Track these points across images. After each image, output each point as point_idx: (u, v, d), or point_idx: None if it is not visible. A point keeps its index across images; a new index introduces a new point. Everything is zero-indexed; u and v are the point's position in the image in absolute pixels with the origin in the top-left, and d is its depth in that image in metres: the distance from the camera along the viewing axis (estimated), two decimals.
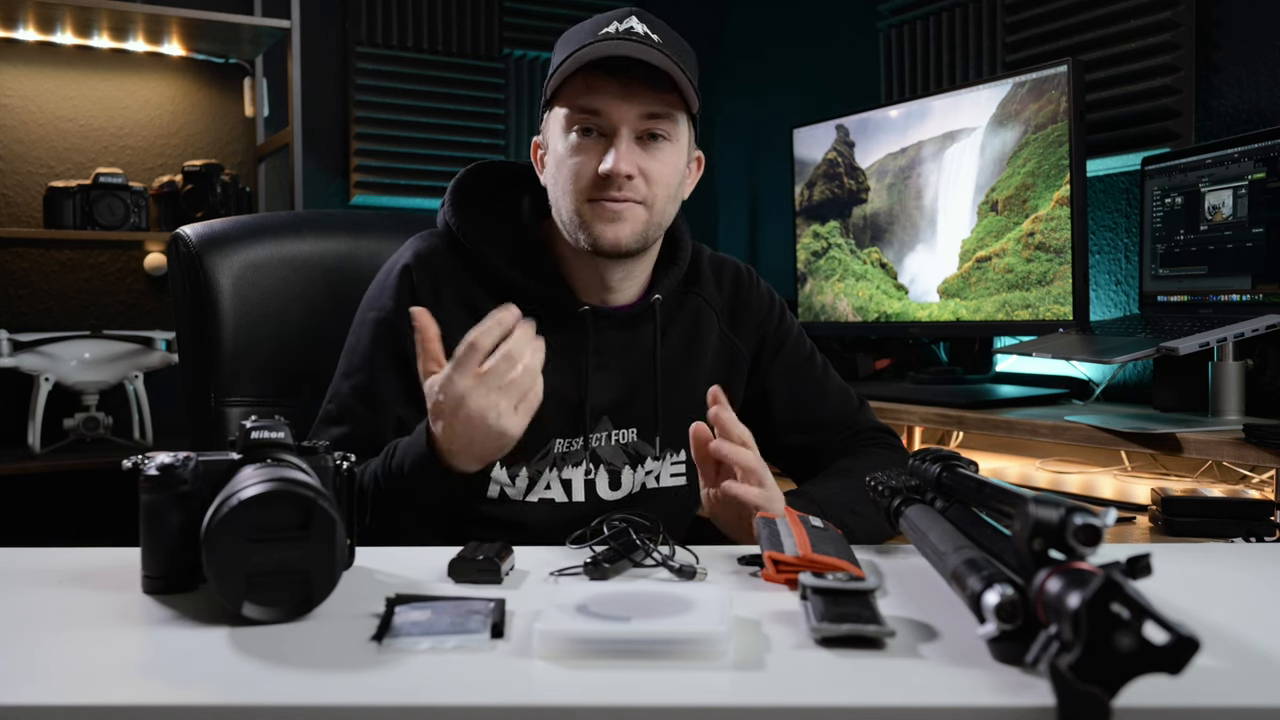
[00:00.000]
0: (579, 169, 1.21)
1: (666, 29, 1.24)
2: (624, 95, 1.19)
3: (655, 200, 1.23)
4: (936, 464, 0.92)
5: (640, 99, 1.20)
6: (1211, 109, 2.08)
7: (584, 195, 1.21)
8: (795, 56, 3.27)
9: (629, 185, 1.20)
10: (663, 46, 1.20)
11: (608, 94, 1.19)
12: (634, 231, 1.23)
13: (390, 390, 1.25)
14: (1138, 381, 2.18)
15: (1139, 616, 0.54)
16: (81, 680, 0.66)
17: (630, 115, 1.20)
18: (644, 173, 1.21)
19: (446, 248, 1.30)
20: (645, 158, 1.21)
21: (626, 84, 1.19)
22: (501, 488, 1.28)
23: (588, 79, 1.19)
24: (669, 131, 1.23)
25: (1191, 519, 1.42)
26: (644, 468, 1.34)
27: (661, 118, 1.21)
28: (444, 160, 3.17)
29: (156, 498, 0.82)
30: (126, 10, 2.61)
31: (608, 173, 1.19)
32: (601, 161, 1.20)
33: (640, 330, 1.33)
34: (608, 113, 1.20)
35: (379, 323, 1.27)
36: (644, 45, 1.19)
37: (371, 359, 1.26)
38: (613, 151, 1.19)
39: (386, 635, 0.71)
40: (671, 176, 1.24)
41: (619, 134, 1.20)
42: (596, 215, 1.21)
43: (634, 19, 1.22)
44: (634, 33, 1.20)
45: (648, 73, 1.18)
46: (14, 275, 2.83)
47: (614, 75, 1.19)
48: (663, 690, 0.63)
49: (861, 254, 2.48)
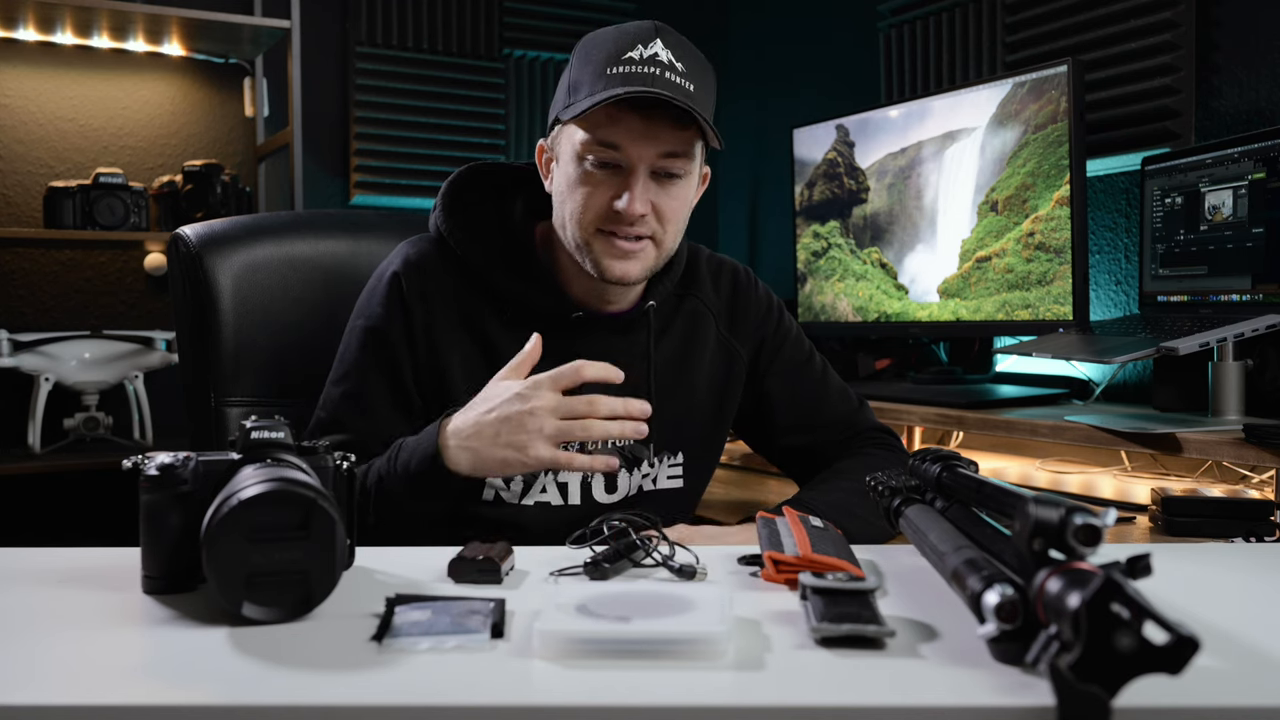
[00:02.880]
0: (589, 199, 1.20)
1: (690, 50, 1.21)
2: (646, 134, 1.17)
3: (665, 236, 1.23)
4: (936, 464, 0.92)
5: (662, 139, 1.18)
6: (1211, 109, 2.08)
7: (594, 226, 1.21)
8: (796, 57, 3.27)
9: (641, 222, 1.19)
10: (686, 76, 1.18)
11: (629, 130, 1.17)
12: (644, 267, 1.23)
13: (378, 398, 1.26)
14: (1138, 381, 2.18)
15: (1139, 616, 0.54)
16: (81, 680, 0.66)
17: (649, 154, 1.18)
18: (656, 209, 1.20)
19: (437, 252, 1.29)
20: (659, 194, 1.20)
21: (649, 120, 1.17)
22: (497, 491, 1.28)
23: (610, 110, 1.17)
24: (685, 168, 1.21)
25: (1191, 519, 1.41)
26: (640, 471, 1.34)
27: (679, 156, 1.20)
28: (444, 160, 3.17)
29: (156, 498, 0.82)
30: (126, 10, 2.61)
31: (622, 211, 1.18)
32: (616, 197, 1.18)
33: (635, 335, 1.32)
34: (627, 148, 1.18)
35: (368, 331, 1.27)
36: (669, 79, 1.16)
37: (361, 367, 1.27)
38: (628, 192, 1.18)
39: (386, 635, 0.71)
40: (682, 210, 1.24)
41: (635, 171, 1.18)
42: (606, 249, 1.21)
43: (659, 42, 1.18)
44: (659, 60, 1.17)
45: (671, 111, 1.16)
46: (14, 275, 2.83)
47: (637, 110, 1.16)
48: (663, 690, 0.63)
49: (861, 254, 2.48)
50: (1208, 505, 1.42)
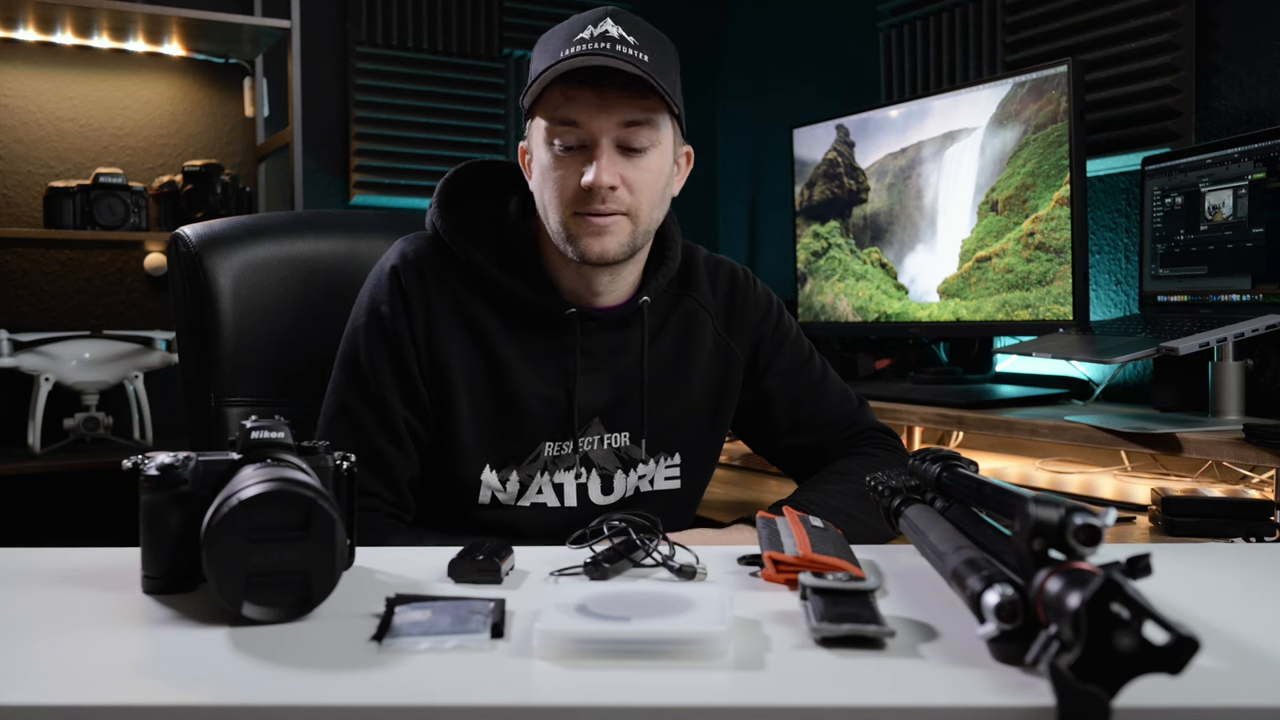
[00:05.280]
0: (561, 182, 1.20)
1: (644, 26, 1.21)
2: (600, 105, 1.17)
3: (640, 209, 1.22)
4: (936, 464, 0.92)
5: (618, 108, 1.18)
6: (1211, 109, 2.08)
7: (569, 208, 1.21)
8: (795, 56, 3.27)
9: (612, 197, 1.19)
10: (639, 48, 1.18)
11: (584, 104, 1.17)
12: (620, 243, 1.22)
13: (392, 394, 1.25)
14: (1138, 381, 2.18)
15: (1139, 616, 0.54)
16: (81, 680, 0.66)
17: (609, 125, 1.18)
18: (627, 182, 1.20)
19: (433, 250, 1.29)
20: (627, 166, 1.20)
21: (603, 93, 1.17)
22: (493, 492, 1.28)
23: (564, 89, 1.18)
24: (650, 138, 1.21)
25: (1191, 519, 1.42)
26: (636, 472, 1.34)
27: (642, 125, 1.19)
28: (444, 160, 3.16)
29: (156, 498, 0.82)
30: (126, 10, 2.61)
31: (590, 185, 1.18)
32: (583, 174, 1.18)
33: (630, 332, 1.32)
34: (585, 123, 1.18)
35: (372, 327, 1.27)
36: (618, 51, 1.16)
37: (370, 364, 1.26)
38: (594, 164, 1.18)
39: (386, 635, 0.71)
40: (655, 183, 1.23)
41: (599, 145, 1.18)
42: (582, 229, 1.21)
43: (609, 21, 1.19)
44: (609, 36, 1.17)
45: (624, 80, 1.16)
46: (14, 275, 2.83)
47: (589, 84, 1.17)
48: (663, 690, 0.63)
49: (861, 254, 2.48)
50: (1208, 505, 1.42)
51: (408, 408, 1.25)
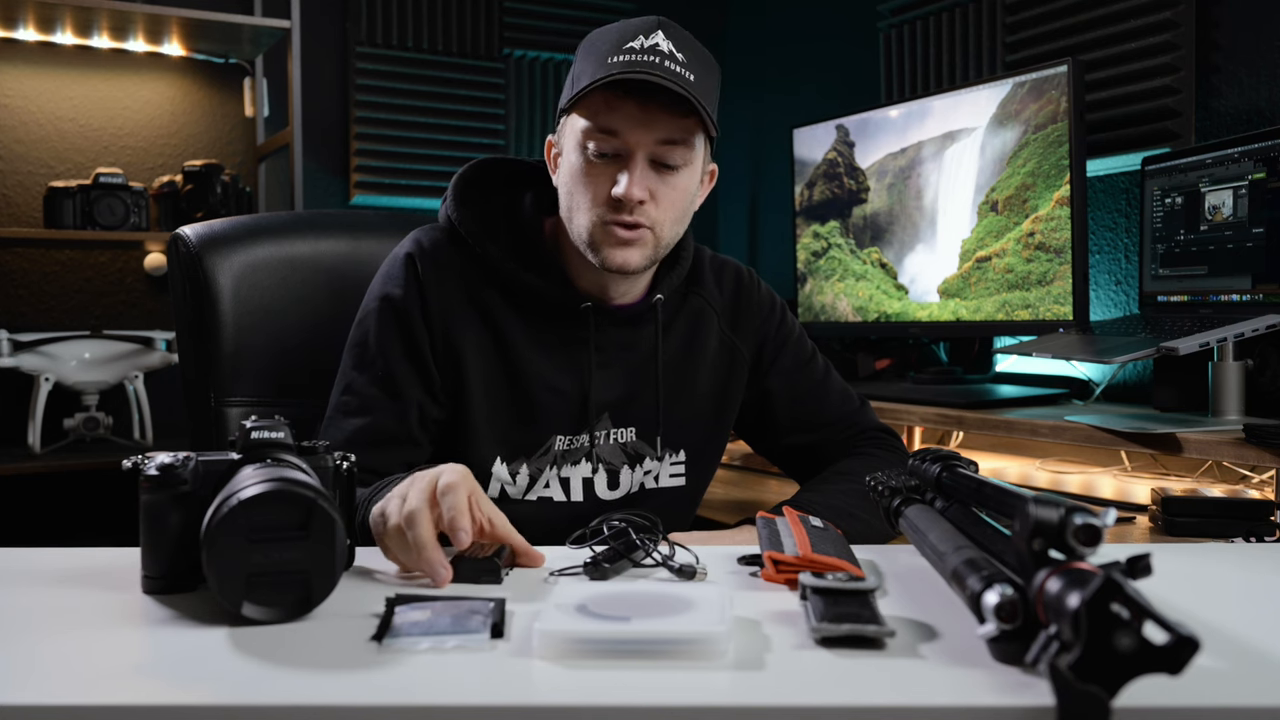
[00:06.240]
0: (592, 188, 1.21)
1: (693, 44, 1.22)
2: (643, 120, 1.17)
3: (664, 225, 1.22)
4: (936, 464, 0.92)
5: (659, 125, 1.18)
6: (1211, 109, 2.08)
7: (597, 216, 1.21)
8: (795, 56, 3.27)
9: (640, 210, 1.19)
10: (686, 65, 1.18)
11: (626, 116, 1.17)
12: (643, 256, 1.23)
13: (405, 375, 1.25)
14: (1138, 381, 2.18)
15: (1139, 616, 0.54)
16: (81, 680, 0.66)
17: (647, 140, 1.18)
18: (655, 197, 1.20)
19: (448, 241, 1.30)
20: (658, 181, 1.20)
21: (646, 107, 1.17)
22: (502, 485, 1.28)
23: (608, 97, 1.17)
24: (684, 157, 1.21)
25: (1191, 519, 1.42)
26: (643, 468, 1.34)
27: (678, 143, 1.20)
28: (444, 160, 3.17)
29: (156, 498, 0.82)
30: (126, 10, 2.61)
31: (620, 196, 1.18)
32: (615, 183, 1.19)
33: (642, 329, 1.33)
34: (625, 134, 1.18)
35: (386, 310, 1.27)
36: (668, 66, 1.16)
37: (385, 347, 1.26)
38: (625, 175, 1.18)
39: (386, 635, 0.71)
40: (681, 201, 1.24)
41: (634, 157, 1.18)
42: (607, 239, 1.21)
43: (660, 34, 1.19)
44: (659, 50, 1.18)
45: (669, 98, 1.16)
46: (14, 275, 2.83)
47: (634, 96, 1.17)
48: (663, 690, 0.63)
49: (861, 254, 2.48)
50: (1208, 505, 1.42)
51: (421, 389, 1.25)
